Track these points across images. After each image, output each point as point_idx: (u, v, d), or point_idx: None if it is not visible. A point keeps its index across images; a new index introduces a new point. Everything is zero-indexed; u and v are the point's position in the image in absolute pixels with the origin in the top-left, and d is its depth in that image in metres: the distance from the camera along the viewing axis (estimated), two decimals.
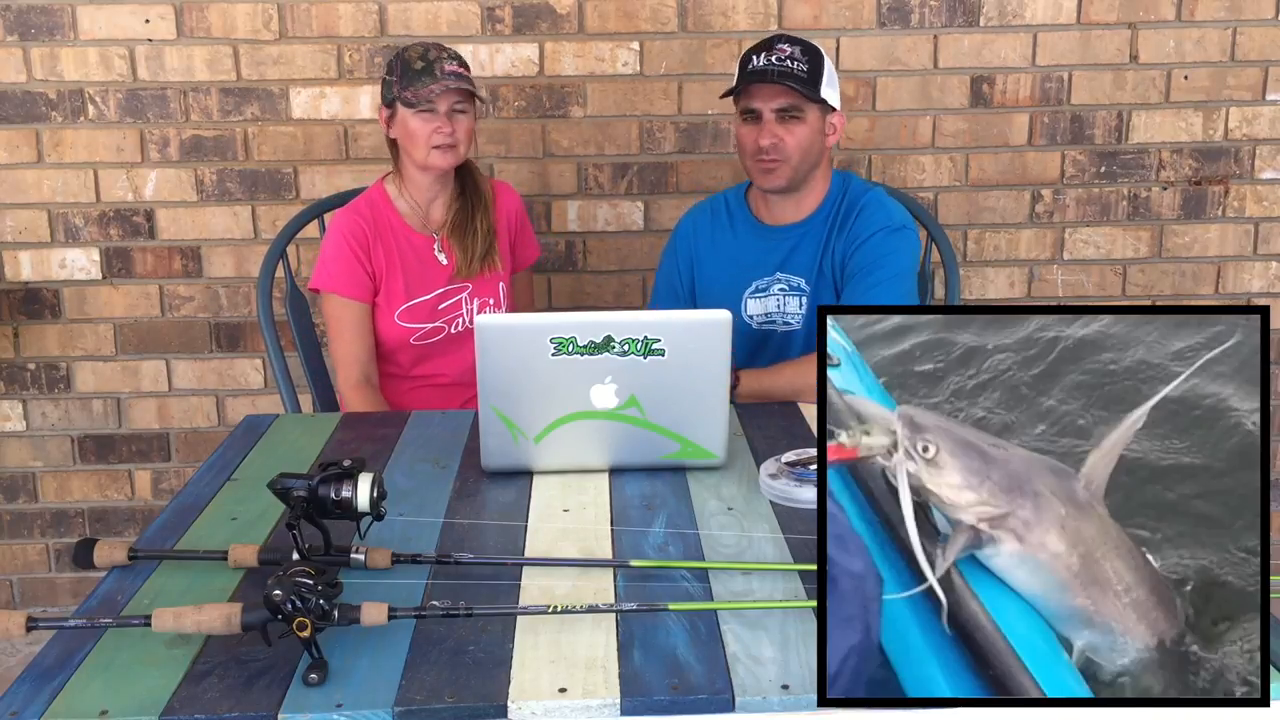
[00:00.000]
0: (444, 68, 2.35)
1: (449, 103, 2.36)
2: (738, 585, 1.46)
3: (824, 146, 2.38)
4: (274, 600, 1.25)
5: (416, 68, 2.35)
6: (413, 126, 2.37)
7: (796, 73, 2.30)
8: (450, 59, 2.37)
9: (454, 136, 2.37)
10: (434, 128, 2.36)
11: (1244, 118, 3.02)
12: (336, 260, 2.42)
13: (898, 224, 2.37)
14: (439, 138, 2.36)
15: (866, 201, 2.39)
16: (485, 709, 1.22)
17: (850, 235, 2.36)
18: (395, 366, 2.50)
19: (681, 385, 1.75)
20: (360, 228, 2.42)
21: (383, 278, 2.43)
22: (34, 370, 3.06)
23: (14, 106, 2.90)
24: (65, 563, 3.18)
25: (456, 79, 2.35)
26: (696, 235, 2.52)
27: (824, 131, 2.37)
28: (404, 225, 2.47)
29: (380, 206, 2.46)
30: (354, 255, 2.41)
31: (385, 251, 2.43)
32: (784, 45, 2.33)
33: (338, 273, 2.42)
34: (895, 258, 2.34)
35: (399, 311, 2.44)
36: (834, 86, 2.36)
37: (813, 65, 2.31)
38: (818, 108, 2.33)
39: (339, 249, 2.42)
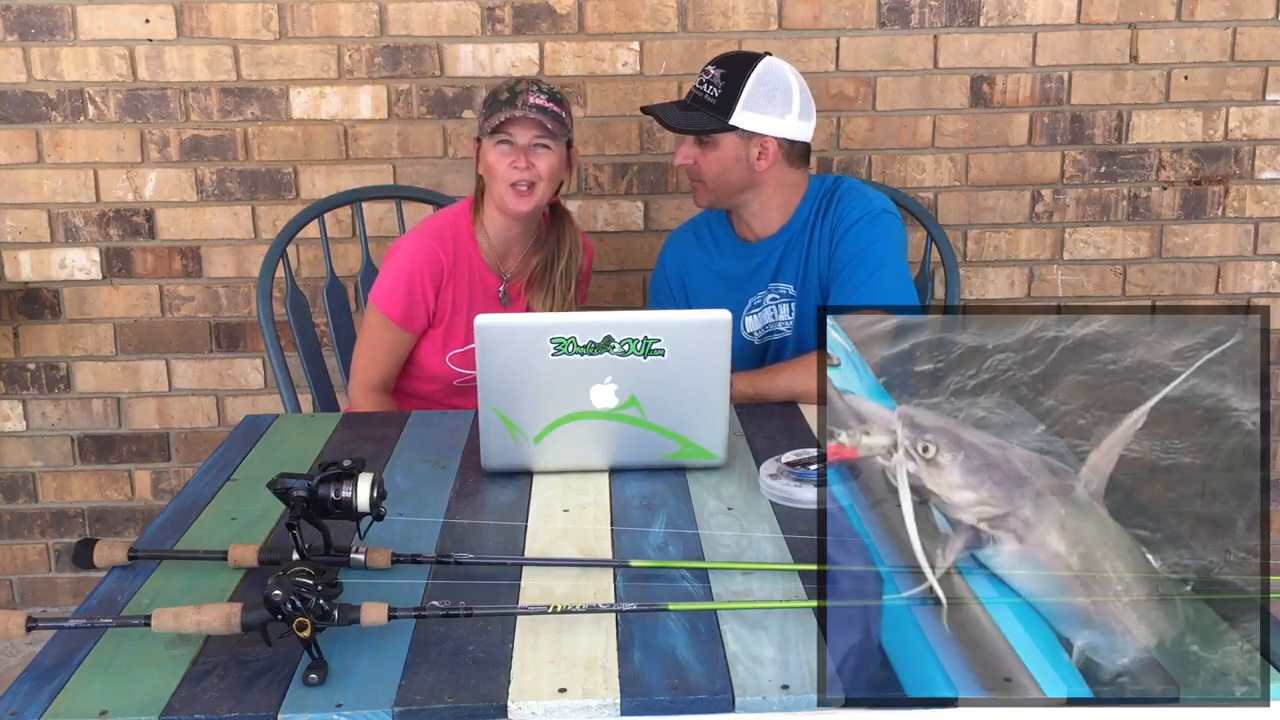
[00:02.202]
0: (528, 99, 2.23)
1: (529, 136, 2.24)
2: (738, 585, 1.46)
3: (752, 171, 2.28)
4: (274, 600, 1.25)
5: (502, 98, 2.25)
6: (491, 160, 2.27)
7: (708, 97, 2.25)
8: (539, 92, 2.25)
9: (532, 173, 2.25)
10: (509, 162, 2.24)
11: (1244, 118, 3.02)
12: (404, 287, 2.30)
13: (878, 209, 2.31)
14: (514, 174, 2.24)
15: (843, 191, 2.34)
16: (485, 709, 1.21)
17: (830, 227, 2.31)
18: (424, 392, 2.43)
19: (681, 385, 1.75)
20: (440, 262, 2.32)
21: (445, 317, 2.35)
22: (34, 370, 3.06)
23: (14, 106, 2.90)
24: (65, 563, 3.18)
25: (539, 111, 2.22)
26: (685, 261, 2.47)
27: (747, 157, 2.26)
28: (482, 263, 2.37)
29: (464, 239, 2.36)
30: (422, 289, 2.31)
31: (456, 292, 2.34)
32: (710, 68, 2.28)
33: (399, 299, 2.31)
34: (880, 245, 2.27)
35: (452, 355, 2.37)
36: (765, 109, 2.24)
37: (728, 89, 2.23)
38: (734, 134, 2.24)
39: (410, 276, 2.30)
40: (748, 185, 2.31)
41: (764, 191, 2.33)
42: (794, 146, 2.31)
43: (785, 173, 2.32)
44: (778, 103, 2.26)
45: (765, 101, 2.25)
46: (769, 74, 2.26)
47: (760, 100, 2.25)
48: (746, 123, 2.24)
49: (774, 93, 2.26)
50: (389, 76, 2.91)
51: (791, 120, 2.27)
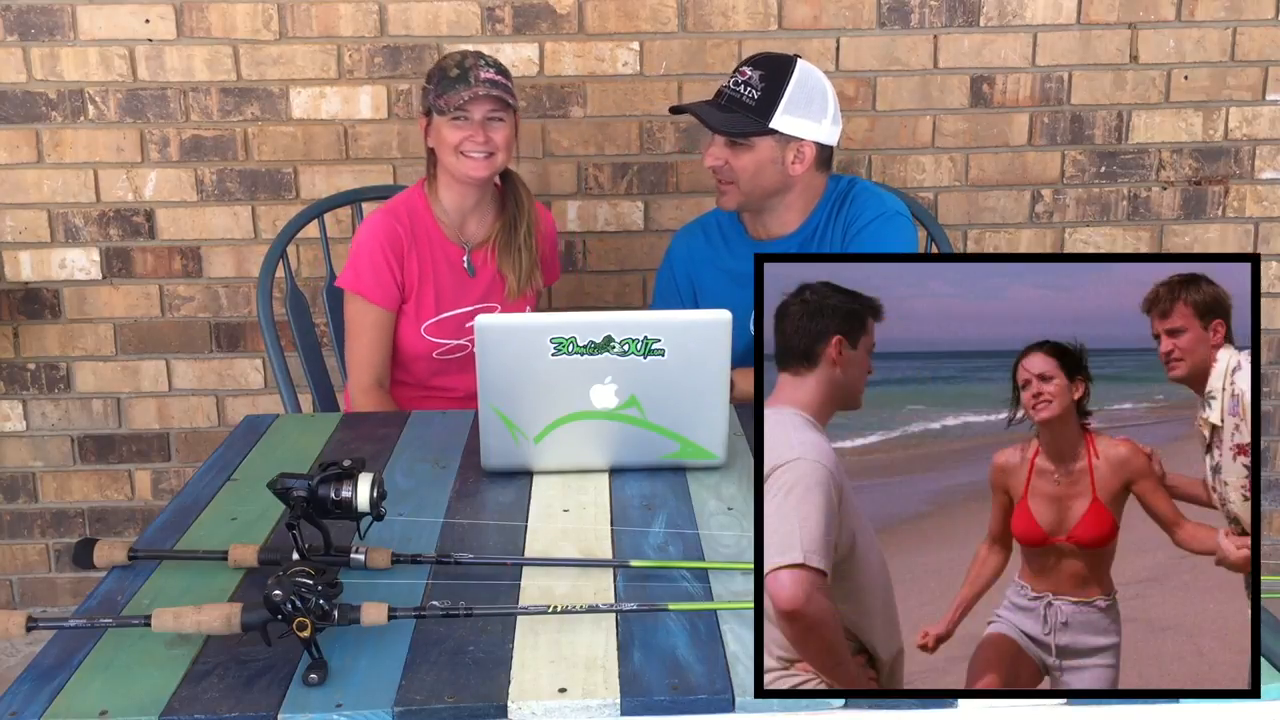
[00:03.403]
0: (479, 75, 2.28)
1: (484, 110, 2.29)
2: (738, 585, 1.46)
3: (786, 174, 2.25)
4: (274, 600, 1.25)
5: (452, 75, 2.29)
6: (446, 135, 2.31)
7: (746, 99, 2.22)
8: (488, 66, 2.31)
9: (489, 145, 2.31)
10: (466, 135, 2.30)
11: (1244, 118, 3.02)
12: (368, 264, 2.36)
13: (891, 211, 2.30)
14: (472, 146, 2.30)
15: (856, 193, 2.33)
16: (485, 709, 1.22)
17: (843, 228, 2.30)
18: (410, 376, 2.46)
19: (681, 385, 1.76)
20: (397, 234, 2.36)
21: (414, 289, 2.38)
22: (34, 370, 3.06)
23: (14, 106, 2.90)
24: (65, 563, 3.18)
25: (491, 86, 2.28)
26: (693, 258, 2.45)
27: (783, 160, 2.24)
28: (441, 235, 2.41)
29: (420, 213, 2.40)
30: (386, 262, 2.35)
31: (420, 262, 2.38)
32: (746, 68, 2.25)
33: (367, 277, 2.36)
34: (891, 247, 2.26)
35: (426, 325, 2.40)
36: (805, 113, 2.22)
37: (769, 91, 2.20)
38: (771, 138, 2.21)
39: (372, 253, 2.36)
40: (780, 188, 2.29)
41: (791, 195, 2.31)
42: (824, 151, 2.30)
43: (813, 177, 2.31)
44: (815, 107, 2.24)
45: (805, 105, 2.22)
46: (807, 78, 2.24)
47: (800, 104, 2.22)
48: (786, 126, 2.21)
49: (813, 96, 2.23)
50: (389, 76, 2.91)
51: (826, 125, 2.26)
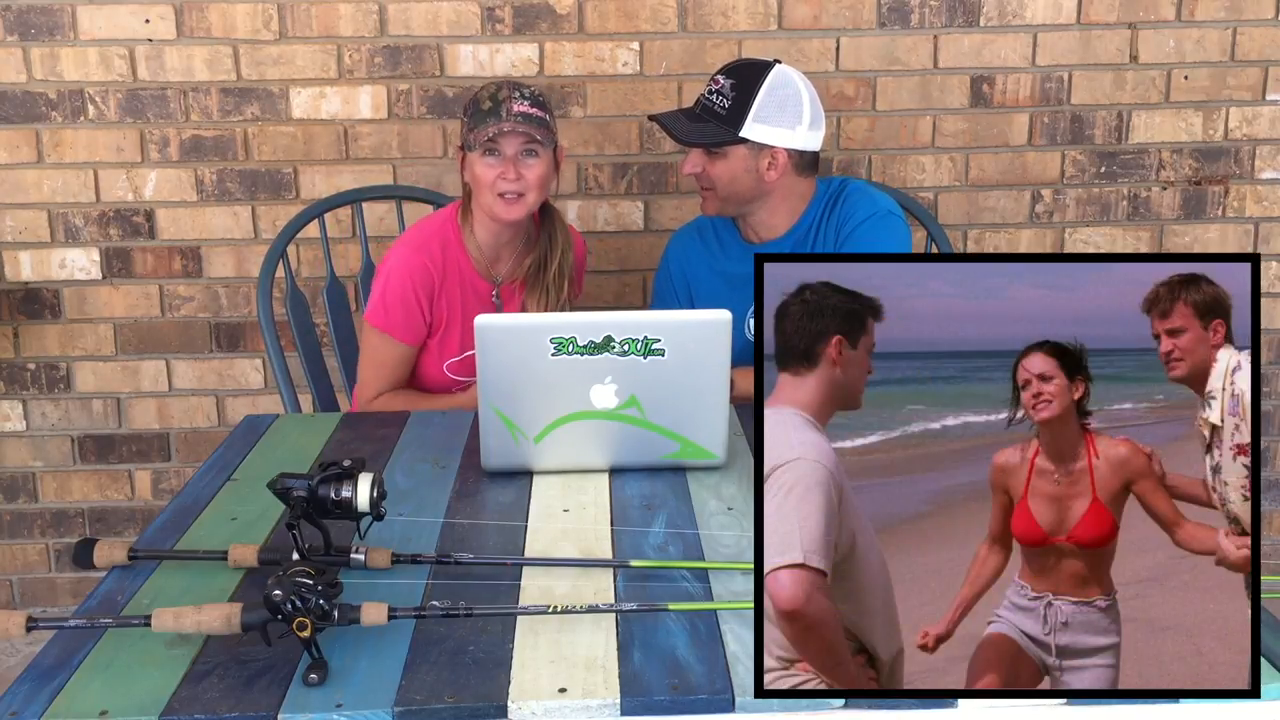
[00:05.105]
0: (512, 108, 2.17)
1: (516, 146, 2.19)
2: (738, 585, 1.46)
3: (761, 181, 2.26)
4: (274, 600, 1.25)
5: (484, 108, 2.19)
6: (479, 172, 2.21)
7: (717, 108, 2.22)
8: (522, 98, 2.19)
9: (521, 184, 2.20)
10: (498, 173, 2.19)
11: (1244, 118, 3.02)
12: (399, 302, 2.27)
13: (883, 210, 2.30)
14: (504, 185, 2.20)
15: (849, 193, 2.33)
16: (485, 709, 1.22)
17: (835, 228, 2.30)
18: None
19: (681, 385, 1.76)
20: (429, 273, 2.28)
21: (441, 326, 2.32)
22: (34, 370, 3.06)
23: (14, 106, 2.90)
24: (65, 563, 3.18)
25: (522, 120, 2.16)
26: (688, 261, 2.45)
27: (757, 168, 2.24)
28: (472, 270, 2.33)
29: (452, 247, 2.32)
30: (417, 301, 2.27)
31: (449, 301, 2.30)
32: (720, 77, 2.25)
33: (397, 315, 2.28)
34: (885, 247, 2.26)
35: (450, 363, 2.34)
36: (776, 120, 2.22)
37: (738, 100, 2.21)
38: (743, 146, 2.22)
39: (404, 291, 2.27)
40: (757, 195, 2.29)
41: (772, 200, 2.31)
42: (803, 156, 2.29)
43: (794, 182, 2.31)
44: (788, 114, 2.24)
45: (776, 113, 2.23)
46: (780, 85, 2.24)
47: (771, 112, 2.22)
48: (757, 135, 2.22)
49: (785, 104, 2.24)
50: (389, 76, 2.91)
51: (802, 131, 2.26)
